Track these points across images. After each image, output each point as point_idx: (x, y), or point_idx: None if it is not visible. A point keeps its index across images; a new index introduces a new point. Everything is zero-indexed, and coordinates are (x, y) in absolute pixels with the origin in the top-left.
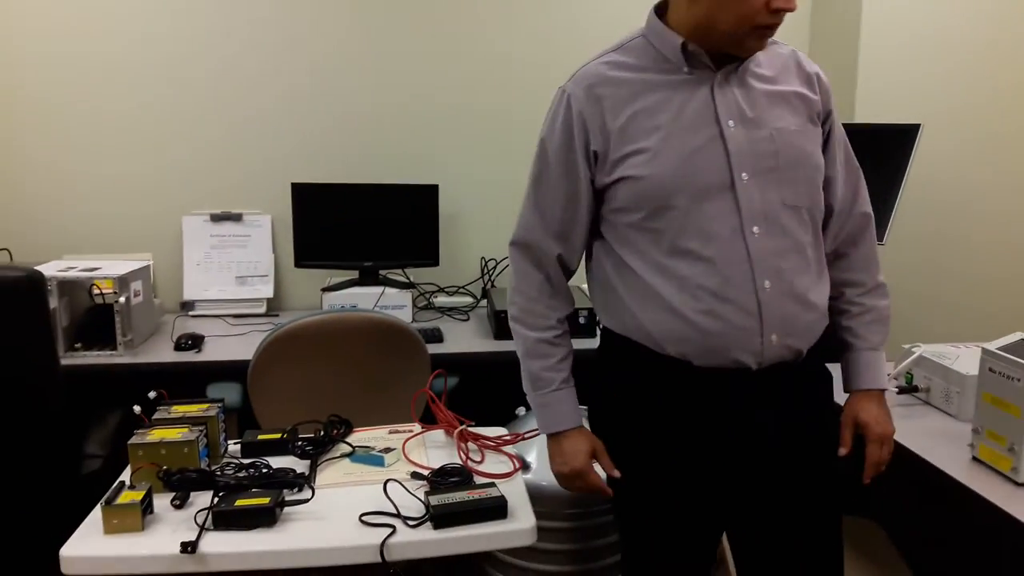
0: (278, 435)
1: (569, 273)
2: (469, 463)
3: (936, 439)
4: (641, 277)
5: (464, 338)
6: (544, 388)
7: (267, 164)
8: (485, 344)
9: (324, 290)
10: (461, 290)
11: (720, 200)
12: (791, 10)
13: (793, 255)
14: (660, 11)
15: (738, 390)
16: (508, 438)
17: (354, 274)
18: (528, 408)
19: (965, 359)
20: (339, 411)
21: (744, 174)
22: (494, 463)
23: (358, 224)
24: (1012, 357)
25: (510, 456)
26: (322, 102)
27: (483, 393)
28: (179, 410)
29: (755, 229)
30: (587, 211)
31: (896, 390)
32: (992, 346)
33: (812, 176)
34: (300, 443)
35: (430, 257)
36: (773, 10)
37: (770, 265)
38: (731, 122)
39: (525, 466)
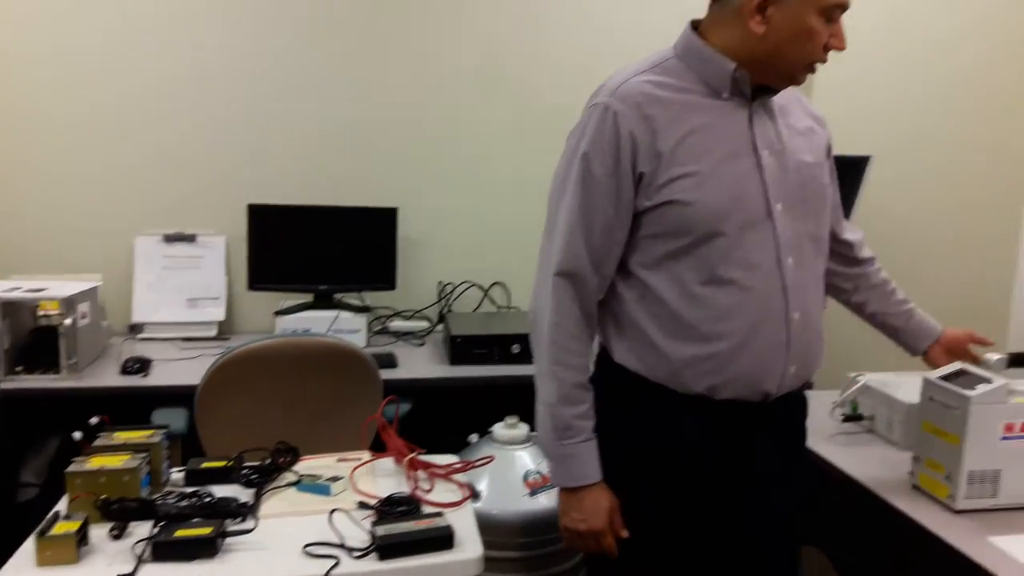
0: (223, 463)
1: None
2: (418, 492)
3: (879, 467)
4: (671, 307)
5: (419, 363)
6: (573, 438)
7: (223, 185)
8: (440, 370)
9: (277, 313)
10: (418, 314)
11: (762, 230)
12: (842, 49)
13: (813, 287)
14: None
15: (753, 419)
16: (458, 466)
17: (309, 297)
18: (482, 435)
19: (908, 388)
20: (288, 438)
21: (779, 204)
22: (444, 492)
23: (314, 247)
24: (950, 387)
25: (460, 485)
26: (280, 123)
27: (437, 420)
28: (121, 436)
29: (790, 260)
30: (624, 237)
31: (842, 418)
32: (932, 376)
33: (827, 209)
34: (245, 471)
35: (387, 281)
36: (827, 49)
37: (800, 297)
38: (766, 152)
39: (475, 495)
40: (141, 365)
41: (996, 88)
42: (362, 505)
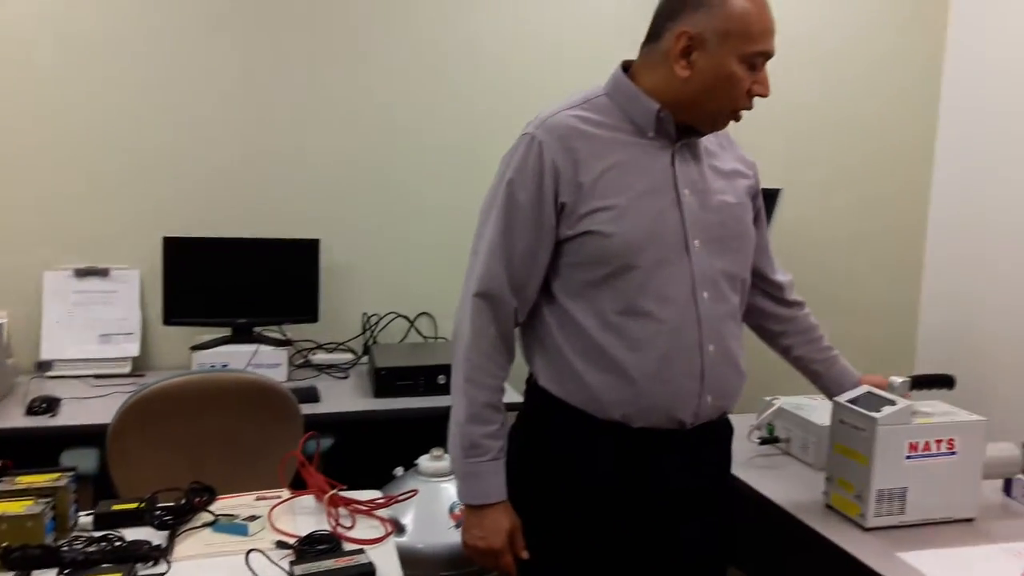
0: (135, 505)
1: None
2: (339, 529)
3: (795, 488)
4: (589, 335)
5: (342, 397)
6: (480, 456)
7: (137, 217)
8: (364, 403)
9: (194, 348)
10: (341, 347)
11: (678, 264)
12: (765, 96)
13: (730, 321)
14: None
15: (669, 447)
16: (381, 501)
17: (227, 331)
18: (407, 468)
19: (821, 410)
20: (205, 477)
21: (696, 241)
22: (366, 528)
23: (233, 279)
24: (858, 409)
25: (382, 520)
26: (196, 152)
27: (361, 454)
28: (25, 481)
29: (705, 294)
30: (546, 263)
31: (759, 441)
32: (842, 399)
33: (748, 248)
34: (158, 513)
35: (309, 313)
36: (751, 95)
37: (714, 329)
38: (687, 191)
39: (400, 529)
40: (49, 404)
41: (898, 122)
42: (280, 544)
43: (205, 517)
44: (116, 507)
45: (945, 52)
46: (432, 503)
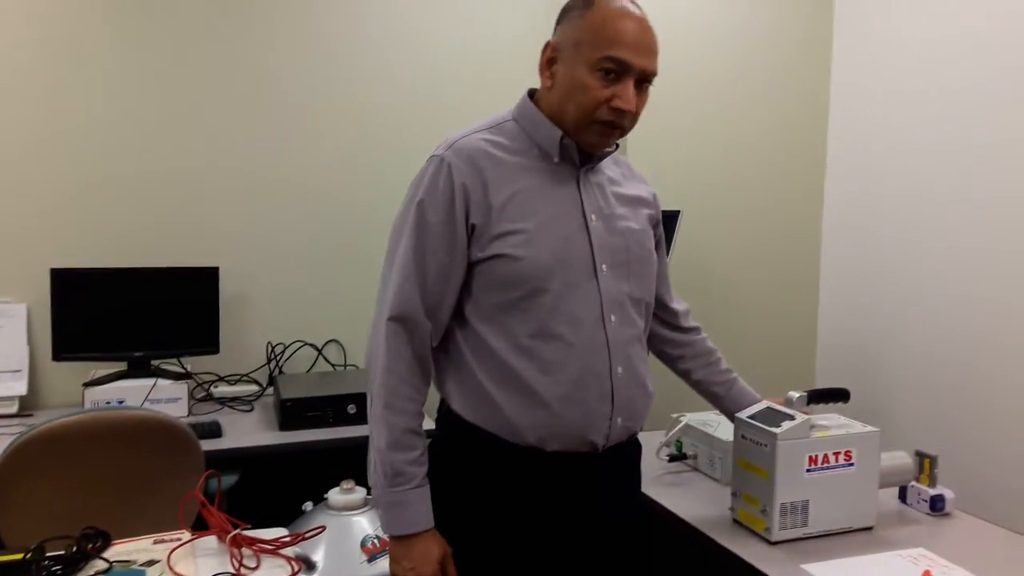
0: (20, 555)
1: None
2: (243, 571)
3: (703, 504)
4: (501, 358)
5: (246, 431)
6: (404, 484)
7: (22, 248)
8: (270, 436)
9: (87, 385)
10: (244, 378)
11: (587, 288)
12: (630, 111)
13: (637, 343)
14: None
15: (583, 470)
16: (287, 540)
17: (122, 366)
18: (317, 502)
19: (726, 426)
20: (99, 522)
21: (604, 265)
22: (272, 568)
23: (127, 311)
24: (759, 424)
25: (288, 559)
26: (85, 180)
27: (267, 490)
28: None
29: (612, 317)
30: (459, 285)
31: (667, 458)
32: (743, 415)
33: (651, 273)
34: (47, 563)
35: (209, 344)
36: (613, 108)
37: (622, 352)
38: (593, 216)
39: (310, 566)
40: None
41: (787, 144)
42: None
43: (99, 565)
44: (0, 559)
45: (832, 64)
46: (344, 538)
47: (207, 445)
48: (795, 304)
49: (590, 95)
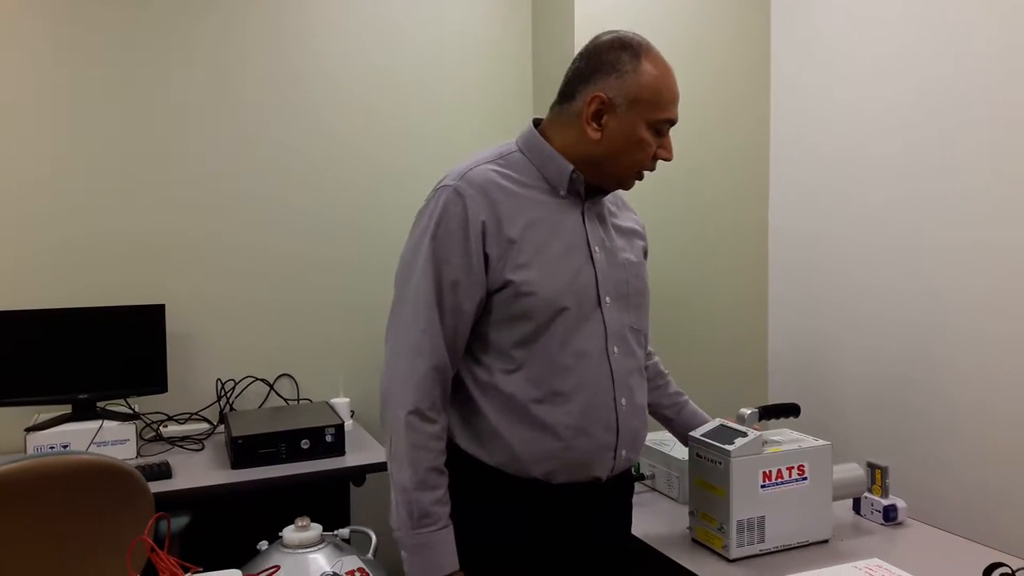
0: None
1: None
2: None
3: (662, 524)
4: (509, 392)
5: (198, 471)
6: (431, 525)
7: None
8: (222, 475)
9: (28, 430)
10: (194, 416)
11: (594, 320)
12: (669, 160)
13: (637, 374)
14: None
15: (589, 502)
16: None
17: (67, 409)
18: (272, 541)
19: (682, 446)
20: (46, 573)
21: (608, 297)
22: None
23: (70, 353)
24: (713, 442)
25: None
26: (17, 217)
27: (220, 530)
28: None
29: (615, 349)
30: (475, 315)
31: None
32: (697, 433)
33: (648, 304)
34: None
35: (157, 383)
36: (655, 159)
37: (625, 383)
38: (597, 248)
39: None
40: None
41: (731, 173)
42: None
43: None
44: None
45: (771, 86)
46: None
47: (157, 487)
48: (747, 327)
49: (647, 151)
